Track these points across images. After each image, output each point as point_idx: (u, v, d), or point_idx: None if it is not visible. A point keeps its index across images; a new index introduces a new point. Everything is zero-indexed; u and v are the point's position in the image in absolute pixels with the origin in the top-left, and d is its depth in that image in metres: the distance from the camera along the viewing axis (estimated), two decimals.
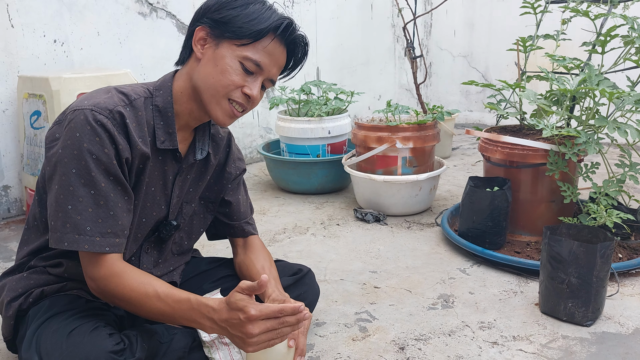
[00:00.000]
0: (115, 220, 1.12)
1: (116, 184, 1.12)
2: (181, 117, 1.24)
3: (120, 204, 1.13)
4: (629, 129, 1.80)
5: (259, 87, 1.20)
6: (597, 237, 1.63)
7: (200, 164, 1.35)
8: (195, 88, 1.20)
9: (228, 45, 1.17)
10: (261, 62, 1.18)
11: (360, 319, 1.66)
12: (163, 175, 1.26)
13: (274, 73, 1.22)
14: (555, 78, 2.00)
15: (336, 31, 4.19)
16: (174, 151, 1.25)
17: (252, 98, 1.20)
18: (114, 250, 1.12)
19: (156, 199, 1.26)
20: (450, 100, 5.12)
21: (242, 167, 1.48)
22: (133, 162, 1.16)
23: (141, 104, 1.19)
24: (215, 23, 1.17)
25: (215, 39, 1.18)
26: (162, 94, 1.22)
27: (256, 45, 1.17)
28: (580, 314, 1.57)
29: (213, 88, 1.17)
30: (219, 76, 1.17)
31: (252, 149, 3.75)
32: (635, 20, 1.97)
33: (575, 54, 2.33)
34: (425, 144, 2.57)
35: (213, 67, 1.17)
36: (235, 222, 1.48)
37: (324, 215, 2.64)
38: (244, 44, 1.16)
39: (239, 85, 1.18)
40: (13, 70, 2.51)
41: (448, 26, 4.98)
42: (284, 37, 1.20)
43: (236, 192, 1.47)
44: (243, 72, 1.17)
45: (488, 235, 2.05)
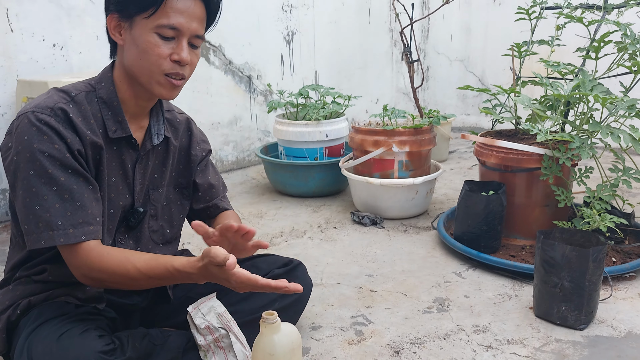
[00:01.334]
0: (84, 210, 1.13)
1: (76, 175, 1.14)
2: (128, 104, 1.25)
3: (87, 194, 1.15)
4: (622, 134, 1.82)
5: (185, 49, 1.17)
6: (589, 242, 1.65)
7: (161, 149, 1.35)
8: (130, 73, 1.21)
9: (140, 21, 1.15)
10: (175, 24, 1.15)
11: (356, 322, 1.68)
12: (122, 165, 1.26)
13: (196, 28, 1.18)
14: (550, 83, 2.02)
15: (334, 35, 4.21)
16: (128, 139, 1.25)
17: (183, 61, 1.17)
18: (89, 238, 1.13)
19: (119, 189, 1.27)
20: (447, 104, 5.15)
21: (207, 148, 1.48)
22: (87, 153, 1.17)
23: (83, 99, 1.20)
24: (119, 6, 1.16)
25: (127, 21, 1.17)
26: (104, 85, 1.23)
27: (163, 9, 1.14)
28: (573, 317, 1.59)
29: (145, 69, 1.17)
30: (144, 56, 1.16)
31: (250, 152, 3.77)
32: (628, 26, 1.99)
33: (569, 60, 2.36)
34: (422, 148, 2.59)
35: (135, 49, 1.16)
36: (209, 202, 1.49)
37: (321, 218, 2.66)
38: (151, 14, 1.14)
39: (166, 56, 1.16)
40: (12, 74, 2.52)
41: (445, 31, 5.01)
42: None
43: (205, 173, 1.47)
44: (163, 41, 1.15)
45: (483, 239, 2.07)
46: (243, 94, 3.64)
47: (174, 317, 1.42)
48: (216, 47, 3.40)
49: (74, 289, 1.25)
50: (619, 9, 2.23)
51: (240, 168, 3.72)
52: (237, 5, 3.46)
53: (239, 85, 3.60)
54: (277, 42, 3.80)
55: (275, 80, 3.82)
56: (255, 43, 3.63)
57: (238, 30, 3.50)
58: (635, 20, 2.22)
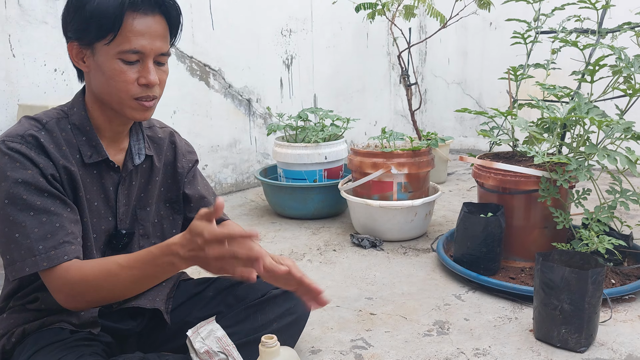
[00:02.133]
0: (64, 230, 1.12)
1: (53, 198, 1.12)
2: (103, 128, 1.23)
3: (65, 215, 1.13)
4: (618, 156, 1.83)
5: (152, 70, 1.15)
6: (588, 263, 1.65)
7: (145, 167, 1.34)
8: (100, 99, 1.19)
9: (100, 49, 1.12)
10: (138, 47, 1.12)
11: (355, 346, 1.67)
12: (103, 188, 1.25)
13: (159, 46, 1.15)
14: (546, 106, 2.04)
15: (332, 59, 4.26)
16: (107, 162, 1.24)
17: (151, 84, 1.15)
18: (71, 257, 1.11)
19: (101, 213, 1.26)
20: (445, 126, 5.18)
21: (194, 159, 1.47)
22: (61, 178, 1.16)
23: (54, 126, 1.18)
24: (77, 34, 1.14)
25: (87, 47, 1.14)
26: (76, 111, 1.22)
27: (122, 34, 1.11)
28: (573, 340, 1.59)
29: (114, 95, 1.15)
30: (110, 83, 1.14)
31: (249, 175, 3.78)
32: (623, 50, 2.02)
33: (565, 83, 2.39)
34: (420, 170, 2.60)
35: (101, 76, 1.15)
36: None
37: (320, 240, 2.66)
38: (111, 40, 1.11)
39: (133, 81, 1.14)
40: (13, 99, 2.54)
41: (442, 54, 5.07)
42: (144, 6, 1.13)
43: (194, 184, 1.45)
44: (128, 66, 1.13)
45: (482, 261, 2.07)
46: (242, 117, 3.67)
47: (171, 341, 1.41)
48: (216, 71, 3.44)
49: (68, 314, 1.24)
50: (613, 33, 2.26)
51: (239, 190, 3.73)
52: (237, 29, 3.51)
53: (239, 108, 3.63)
54: (277, 66, 3.84)
55: (274, 103, 3.85)
56: (254, 67, 3.67)
57: (238, 55, 3.54)
58: (629, 44, 2.26)
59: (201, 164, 3.46)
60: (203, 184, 1.50)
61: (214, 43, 3.39)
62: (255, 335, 1.34)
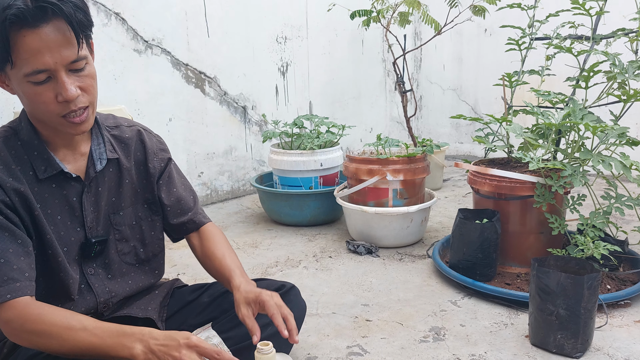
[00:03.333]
0: (8, 266, 1.07)
1: (0, 231, 1.08)
2: (54, 139, 1.18)
3: (12, 249, 1.08)
4: (613, 162, 1.84)
5: (67, 84, 1.05)
6: (584, 269, 1.66)
7: (113, 170, 1.29)
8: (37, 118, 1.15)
9: (10, 73, 1.06)
10: (39, 66, 1.02)
11: (352, 352, 1.67)
12: (65, 200, 1.21)
13: (67, 55, 1.04)
14: (541, 112, 2.05)
15: (328, 66, 4.27)
16: (64, 174, 1.19)
17: (70, 98, 1.06)
18: (17, 295, 1.06)
19: (67, 225, 1.22)
20: (440, 133, 5.19)
21: (166, 157, 1.40)
22: (13, 202, 1.12)
23: (2, 145, 1.14)
24: None
25: (2, 72, 1.07)
26: (23, 126, 1.17)
27: (18, 57, 1.01)
28: (569, 345, 1.58)
29: (41, 116, 1.11)
30: (32, 105, 1.08)
31: (245, 182, 3.77)
32: (617, 56, 2.03)
33: (559, 89, 2.40)
34: (416, 176, 2.60)
35: (23, 99, 1.10)
36: (184, 218, 1.42)
37: (316, 247, 2.66)
38: (13, 66, 1.03)
39: (51, 101, 1.06)
40: (9, 107, 2.54)
41: (437, 61, 5.08)
42: (29, 20, 0.99)
43: (169, 186, 1.40)
44: (40, 87, 1.04)
45: (478, 267, 2.07)
46: (238, 124, 3.67)
47: None
48: (211, 78, 3.44)
49: None
50: (607, 39, 2.27)
51: (235, 197, 3.72)
52: (232, 37, 3.52)
53: (234, 115, 3.63)
54: (272, 73, 3.84)
55: (270, 110, 3.85)
56: (250, 74, 3.67)
57: (233, 62, 3.55)
58: (623, 50, 2.27)
59: (197, 171, 3.45)
60: (180, 183, 1.44)
61: (209, 50, 3.39)
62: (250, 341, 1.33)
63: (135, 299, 1.39)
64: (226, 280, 1.34)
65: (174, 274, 2.33)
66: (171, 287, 1.49)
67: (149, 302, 1.39)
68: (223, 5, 3.43)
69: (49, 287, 1.21)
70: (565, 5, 2.23)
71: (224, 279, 1.36)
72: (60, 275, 1.21)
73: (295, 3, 3.91)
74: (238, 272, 1.34)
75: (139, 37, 3.01)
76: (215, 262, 1.39)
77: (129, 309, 1.34)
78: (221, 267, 1.37)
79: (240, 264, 1.39)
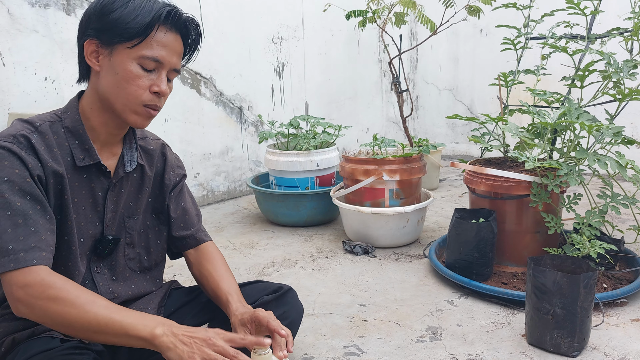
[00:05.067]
0: (37, 235, 1.10)
1: (34, 202, 1.12)
2: (98, 131, 1.24)
3: (42, 222, 1.12)
4: (608, 161, 1.84)
5: (165, 81, 1.20)
6: (580, 268, 1.66)
7: (137, 176, 1.34)
8: (104, 100, 1.20)
9: (121, 50, 1.15)
10: (159, 57, 1.17)
11: (348, 352, 1.66)
12: (92, 193, 1.25)
13: (175, 62, 1.21)
14: (537, 112, 2.05)
15: (324, 66, 4.26)
16: (98, 166, 1.24)
17: (163, 93, 1.20)
18: (41, 262, 1.09)
19: (88, 217, 1.26)
20: (437, 133, 5.20)
21: (182, 173, 1.47)
22: (48, 181, 1.16)
23: (47, 129, 1.19)
24: (100, 32, 1.16)
25: (107, 47, 1.16)
26: (69, 115, 1.23)
27: (147, 41, 1.15)
28: (566, 344, 1.58)
29: (122, 97, 1.17)
30: (123, 84, 1.16)
31: (241, 182, 3.77)
32: (612, 55, 2.04)
33: (555, 88, 2.40)
34: (412, 177, 2.60)
35: (114, 76, 1.16)
36: (186, 232, 1.46)
37: (312, 248, 2.65)
38: (135, 44, 1.15)
39: (146, 87, 1.17)
40: (3, 107, 2.53)
41: (433, 61, 5.09)
42: (173, 24, 1.19)
43: (179, 199, 1.45)
44: (144, 72, 1.17)
45: (475, 267, 2.07)
46: (234, 125, 3.67)
47: None
48: (207, 79, 3.43)
49: None
50: (602, 38, 2.28)
51: (231, 198, 3.72)
52: (228, 37, 3.51)
53: (230, 116, 3.63)
54: (268, 74, 3.84)
55: (266, 111, 3.85)
56: (246, 75, 3.67)
57: (229, 63, 3.55)
58: (618, 49, 2.28)
59: (193, 172, 3.45)
60: (189, 200, 1.50)
61: (205, 51, 3.39)
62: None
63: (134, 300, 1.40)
64: (223, 304, 1.37)
65: (171, 275, 2.32)
66: (169, 288, 1.50)
67: (148, 302, 1.40)
68: (219, 6, 3.43)
69: None
70: (560, 4, 2.23)
71: (220, 302, 1.38)
72: (69, 264, 1.23)
73: (291, 3, 3.91)
74: (235, 297, 1.36)
75: None
76: (212, 284, 1.41)
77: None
78: (218, 290, 1.39)
79: (237, 288, 1.41)
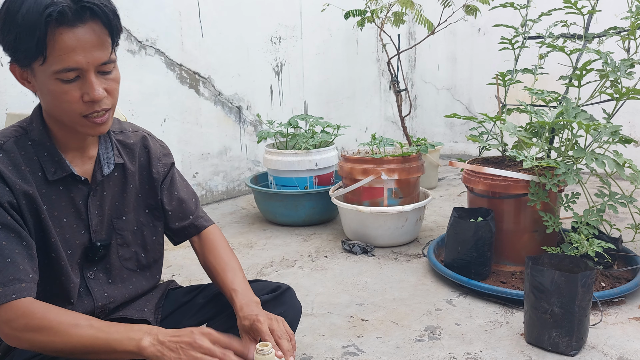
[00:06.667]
0: (15, 266, 1.06)
1: (7, 231, 1.08)
2: (65, 141, 1.18)
3: (18, 250, 1.08)
4: (606, 160, 1.85)
5: (95, 85, 1.06)
6: (578, 267, 1.66)
7: (118, 175, 1.29)
8: (53, 117, 1.15)
9: (37, 69, 1.05)
10: (73, 65, 1.03)
11: (347, 352, 1.67)
12: (72, 203, 1.21)
13: (98, 56, 1.06)
14: (534, 111, 2.06)
15: (322, 66, 4.26)
16: (73, 176, 1.19)
17: (96, 99, 1.07)
18: (21, 296, 1.06)
19: (73, 227, 1.22)
20: (435, 132, 5.20)
21: (170, 162, 1.41)
22: (20, 204, 1.11)
23: (12, 146, 1.13)
24: (12, 55, 1.06)
25: (26, 69, 1.07)
26: (35, 126, 1.16)
27: (52, 53, 1.02)
28: (564, 343, 1.59)
29: (62, 115, 1.10)
30: (55, 103, 1.08)
31: (240, 182, 3.77)
32: (609, 55, 2.04)
33: (552, 88, 2.40)
34: (410, 176, 2.60)
35: (45, 97, 1.09)
36: (185, 222, 1.43)
37: (311, 247, 2.66)
38: (43, 61, 1.02)
39: (77, 100, 1.06)
40: (1, 108, 2.53)
41: (431, 60, 5.09)
42: (68, 18, 1.02)
43: (171, 190, 1.40)
44: (68, 85, 1.05)
45: (473, 266, 2.07)
46: (233, 125, 3.67)
47: None
48: (206, 78, 3.43)
49: None
50: (599, 38, 2.28)
51: (230, 198, 3.72)
52: (226, 37, 3.51)
53: (229, 115, 3.63)
54: (266, 73, 3.84)
55: (264, 110, 3.85)
56: (244, 74, 3.67)
57: (227, 62, 3.55)
58: (615, 48, 2.28)
59: (191, 172, 3.45)
60: (182, 186, 1.45)
61: (203, 51, 3.39)
62: None
63: (131, 301, 1.39)
64: (229, 300, 1.35)
65: (169, 275, 2.32)
66: (166, 289, 1.49)
67: (145, 303, 1.39)
68: (217, 6, 3.43)
69: (48, 291, 1.21)
70: (557, 4, 2.24)
71: (227, 298, 1.36)
72: (62, 279, 1.20)
73: (289, 3, 3.91)
74: (239, 293, 1.33)
75: (132, 38, 3.01)
76: (217, 279, 1.40)
77: (125, 310, 1.34)
78: (223, 286, 1.37)
79: (241, 279, 1.38)
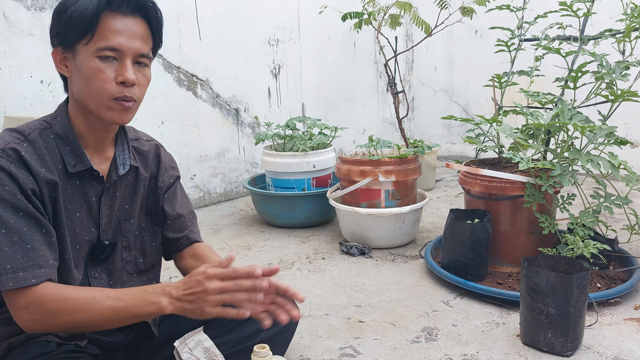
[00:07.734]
0: (34, 252, 1.10)
1: (27, 218, 1.11)
2: (86, 136, 1.23)
3: (37, 237, 1.12)
4: (601, 161, 1.86)
5: (129, 69, 1.15)
6: (573, 268, 1.67)
7: (131, 178, 1.33)
8: (81, 104, 1.19)
9: (81, 50, 1.13)
10: (115, 44, 1.12)
11: (344, 353, 1.67)
12: (85, 199, 1.24)
13: (138, 46, 1.15)
14: (530, 113, 2.07)
15: (320, 68, 4.28)
16: (91, 172, 1.23)
17: (129, 81, 1.15)
18: (40, 280, 1.09)
19: (84, 223, 1.25)
20: (432, 134, 5.21)
21: (176, 175, 1.46)
22: (42, 192, 1.15)
23: (37, 137, 1.18)
24: (61, 37, 1.15)
25: (69, 51, 1.15)
26: (59, 120, 1.21)
27: (100, 32, 1.12)
28: (560, 344, 1.60)
29: (92, 96, 1.15)
30: (89, 82, 1.14)
31: (238, 184, 3.78)
32: (604, 57, 2.06)
33: (548, 89, 2.42)
34: (407, 177, 2.62)
35: (81, 77, 1.15)
36: (180, 234, 1.45)
37: (309, 249, 2.66)
38: (90, 40, 1.12)
39: (111, 79, 1.14)
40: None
41: (429, 62, 5.11)
42: (123, 7, 1.14)
43: (173, 201, 1.44)
44: (105, 64, 1.13)
45: (470, 267, 2.08)
46: (231, 127, 3.68)
47: (160, 353, 1.40)
48: (203, 81, 3.44)
49: None
50: (594, 40, 2.30)
51: (228, 200, 3.73)
52: (224, 39, 3.52)
53: (227, 118, 3.64)
54: (264, 75, 3.85)
55: (262, 112, 3.86)
56: (242, 76, 3.68)
57: (225, 64, 3.55)
58: (610, 50, 2.29)
59: (190, 174, 3.45)
60: (182, 202, 1.49)
61: (201, 53, 3.40)
62: (243, 345, 1.34)
63: None
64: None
65: (166, 277, 2.33)
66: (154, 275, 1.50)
67: None
68: (215, 8, 3.44)
69: None
70: (553, 6, 2.25)
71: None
72: (63, 273, 1.22)
73: (286, 5, 3.92)
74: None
75: None
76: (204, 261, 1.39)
77: None
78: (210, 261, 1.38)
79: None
